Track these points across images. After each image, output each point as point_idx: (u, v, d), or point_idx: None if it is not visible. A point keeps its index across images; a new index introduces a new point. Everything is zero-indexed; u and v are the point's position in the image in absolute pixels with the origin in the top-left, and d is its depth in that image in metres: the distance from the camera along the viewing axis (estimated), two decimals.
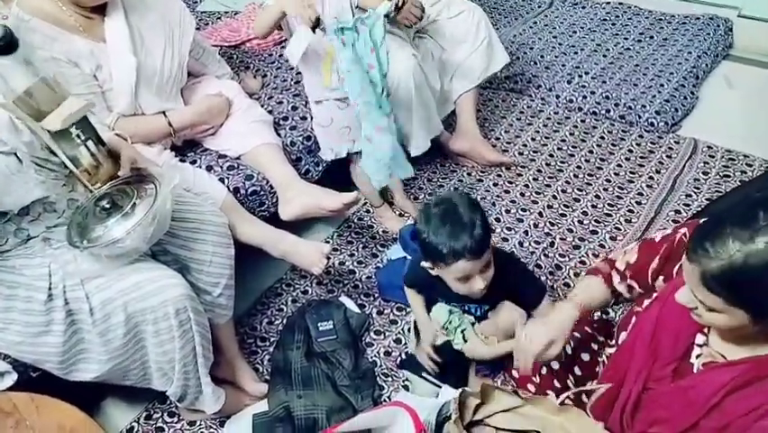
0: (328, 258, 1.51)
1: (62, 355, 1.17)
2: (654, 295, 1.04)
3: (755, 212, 0.76)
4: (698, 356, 0.92)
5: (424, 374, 1.42)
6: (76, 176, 1.16)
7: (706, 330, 0.93)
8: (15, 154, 1.11)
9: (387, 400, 1.46)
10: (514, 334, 1.31)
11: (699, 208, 1.89)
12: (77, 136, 1.09)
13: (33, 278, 1.14)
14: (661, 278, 1.06)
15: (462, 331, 1.35)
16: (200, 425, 1.44)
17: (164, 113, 1.56)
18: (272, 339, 1.62)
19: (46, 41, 1.38)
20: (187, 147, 1.69)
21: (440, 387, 1.38)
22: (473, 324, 1.36)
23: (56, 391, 1.21)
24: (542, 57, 2.61)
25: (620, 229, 1.87)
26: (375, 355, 1.57)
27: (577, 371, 1.22)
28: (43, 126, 1.04)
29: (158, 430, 1.44)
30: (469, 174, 2.12)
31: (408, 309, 1.64)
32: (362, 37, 1.53)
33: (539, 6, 3.07)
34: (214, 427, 1.43)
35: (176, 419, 1.46)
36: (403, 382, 1.49)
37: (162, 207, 1.15)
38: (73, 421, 1.06)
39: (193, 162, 1.63)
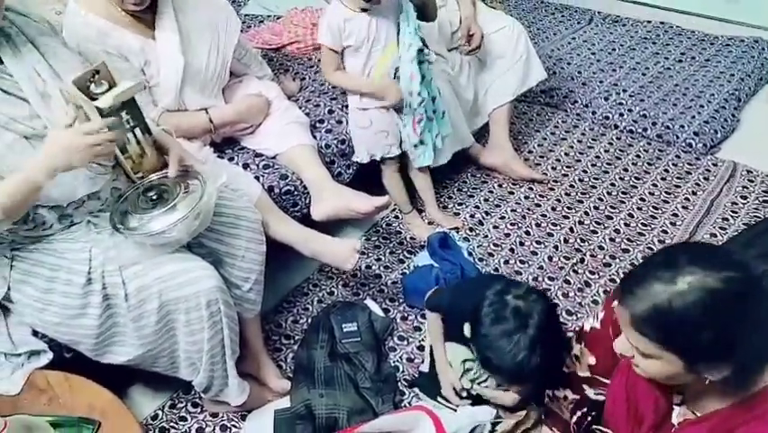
0: (361, 253, 1.51)
1: (96, 338, 1.20)
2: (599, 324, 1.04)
3: (677, 255, 0.79)
4: (678, 415, 0.91)
5: (439, 399, 1.39)
6: (120, 162, 1.20)
7: (680, 397, 0.91)
8: None
9: (407, 405, 1.45)
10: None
11: (736, 233, 1.85)
12: (127, 121, 1.13)
13: (74, 261, 1.18)
14: None
15: (480, 384, 1.31)
16: (222, 417, 1.46)
17: (206, 110, 1.61)
18: (296, 337, 1.64)
19: (99, 36, 1.44)
20: (225, 144, 1.73)
21: (455, 410, 1.33)
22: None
23: (87, 373, 1.24)
24: (579, 73, 2.60)
25: (653, 249, 1.84)
26: (397, 361, 1.57)
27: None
28: (96, 105, 1.08)
29: (181, 420, 1.47)
30: (500, 186, 2.12)
31: None
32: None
33: (578, 23, 3.06)
34: (236, 420, 1.45)
35: (199, 410, 1.48)
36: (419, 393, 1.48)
37: (207, 204, 1.19)
38: (103, 402, 1.09)
39: (230, 159, 1.66)
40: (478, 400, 1.33)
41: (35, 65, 1.15)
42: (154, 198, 1.18)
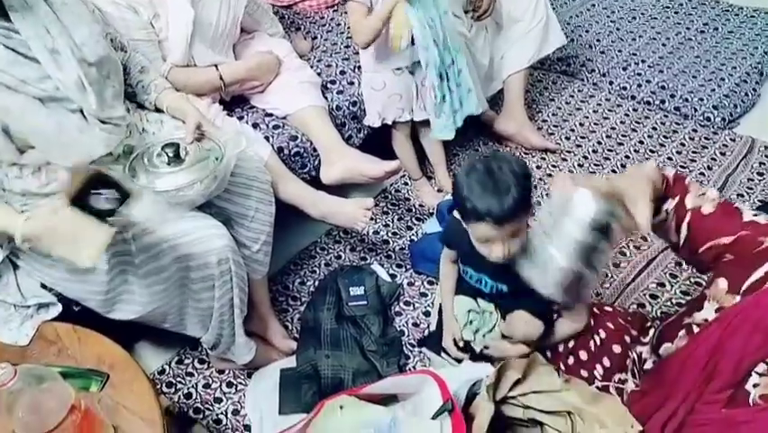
0: (372, 217, 1.50)
1: (105, 295, 1.20)
2: (713, 313, 0.94)
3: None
4: (755, 385, 0.86)
5: (443, 354, 1.41)
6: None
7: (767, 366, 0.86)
8: (81, 112, 1.14)
9: (411, 369, 1.47)
10: (530, 341, 1.26)
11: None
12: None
13: None
14: (711, 273, 0.97)
15: (484, 335, 1.31)
16: (228, 374, 1.48)
17: (216, 66, 1.57)
18: (303, 299, 1.64)
19: None
20: (234, 103, 1.70)
21: (457, 364, 1.36)
22: (497, 322, 1.32)
23: (96, 327, 1.24)
24: (598, 41, 2.53)
25: None
26: (403, 325, 1.58)
27: (606, 362, 1.19)
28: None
29: (188, 375, 1.49)
30: (512, 154, 2.08)
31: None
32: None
33: None
34: (242, 377, 1.47)
35: (206, 366, 1.50)
36: (427, 361, 1.49)
37: (226, 167, 1.19)
38: (112, 355, 1.09)
39: (240, 119, 1.64)
40: (478, 357, 1.33)
41: (44, 20, 1.10)
42: (171, 155, 1.16)
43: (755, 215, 0.92)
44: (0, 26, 1.06)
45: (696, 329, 0.98)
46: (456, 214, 1.22)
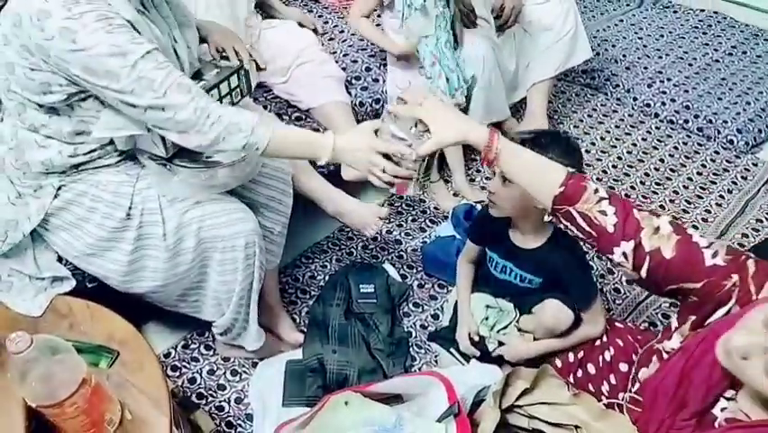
0: (383, 220, 1.51)
1: (124, 275, 1.21)
2: (678, 344, 0.98)
3: None
4: (722, 409, 0.88)
5: (452, 350, 1.41)
6: None
7: (737, 386, 0.88)
8: None
9: (417, 371, 1.46)
10: (555, 333, 1.28)
11: None
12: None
13: (117, 195, 1.16)
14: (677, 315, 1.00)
15: (499, 331, 1.32)
16: (234, 363, 1.48)
17: None
18: (312, 293, 1.64)
19: None
20: (258, 93, 1.71)
21: (465, 363, 1.36)
22: (513, 319, 1.33)
23: (107, 304, 1.25)
24: (624, 56, 2.51)
25: None
26: (411, 326, 1.57)
27: (612, 379, 1.19)
28: None
29: (193, 360, 1.49)
30: None
31: (449, 287, 1.63)
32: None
33: (628, 5, 2.94)
34: (247, 367, 1.47)
35: (211, 353, 1.50)
36: (435, 356, 1.49)
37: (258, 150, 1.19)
38: (123, 333, 1.10)
39: (264, 108, 1.64)
40: (487, 358, 1.35)
41: (167, 18, 1.15)
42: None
43: (710, 244, 0.92)
44: (143, 16, 1.09)
45: (665, 356, 1.01)
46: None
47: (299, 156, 1.23)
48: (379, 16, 1.81)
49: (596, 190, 0.96)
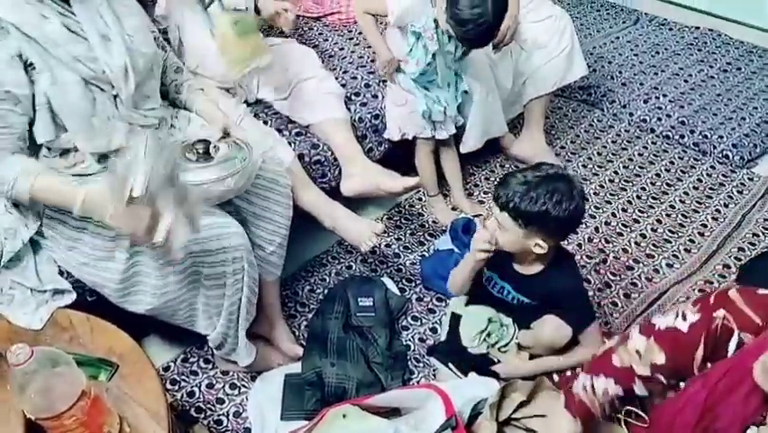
0: (384, 234, 1.52)
1: (120, 283, 1.22)
2: (695, 375, 0.98)
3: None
4: None
5: (450, 365, 1.42)
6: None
7: (762, 418, 0.89)
8: (115, 99, 1.18)
9: (415, 384, 1.46)
10: (554, 350, 1.28)
11: (766, 249, 1.81)
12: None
13: None
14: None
15: (500, 349, 1.32)
16: (233, 376, 1.48)
17: None
18: (311, 306, 1.65)
19: None
20: (259, 109, 1.73)
21: (463, 376, 1.36)
22: (513, 336, 1.34)
23: (107, 318, 1.26)
24: (620, 73, 2.55)
25: (678, 257, 1.81)
26: (409, 340, 1.58)
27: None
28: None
29: (192, 374, 1.49)
30: None
31: (448, 301, 1.63)
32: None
33: (624, 22, 2.98)
34: (246, 380, 1.47)
35: (210, 367, 1.50)
36: (432, 370, 1.49)
37: (253, 167, 1.23)
38: (123, 347, 1.10)
39: (264, 123, 1.66)
40: (484, 371, 1.35)
41: (99, 7, 1.16)
42: (200, 151, 1.20)
43: (675, 314, 0.98)
44: (60, 7, 1.13)
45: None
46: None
47: (60, 206, 1.16)
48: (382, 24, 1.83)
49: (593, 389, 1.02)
